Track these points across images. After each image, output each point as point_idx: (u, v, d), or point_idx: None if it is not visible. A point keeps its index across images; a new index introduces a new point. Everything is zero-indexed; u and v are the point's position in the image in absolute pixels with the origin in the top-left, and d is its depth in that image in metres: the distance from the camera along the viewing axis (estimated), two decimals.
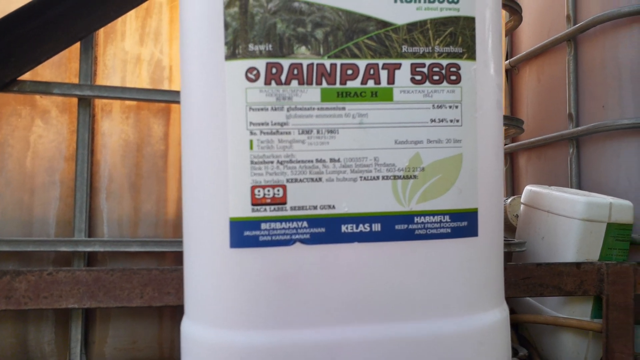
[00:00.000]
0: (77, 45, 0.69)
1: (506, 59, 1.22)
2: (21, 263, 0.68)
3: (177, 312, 0.72)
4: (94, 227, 0.70)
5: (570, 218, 0.80)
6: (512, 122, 0.86)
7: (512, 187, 1.23)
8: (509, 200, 0.99)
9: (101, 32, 0.70)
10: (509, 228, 0.99)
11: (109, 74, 0.71)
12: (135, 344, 0.71)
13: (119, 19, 0.70)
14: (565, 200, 0.82)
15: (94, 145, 0.70)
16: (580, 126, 0.97)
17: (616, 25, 0.90)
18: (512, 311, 0.87)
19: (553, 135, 1.03)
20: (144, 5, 0.71)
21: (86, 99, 0.69)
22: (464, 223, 0.42)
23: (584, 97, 0.98)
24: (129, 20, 0.72)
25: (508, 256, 0.86)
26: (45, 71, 0.69)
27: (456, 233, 0.41)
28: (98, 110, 0.71)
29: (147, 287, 0.67)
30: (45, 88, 0.67)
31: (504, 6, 0.86)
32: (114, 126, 0.71)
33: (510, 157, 1.23)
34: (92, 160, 0.70)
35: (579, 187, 0.99)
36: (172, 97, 0.71)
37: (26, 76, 0.67)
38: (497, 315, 0.43)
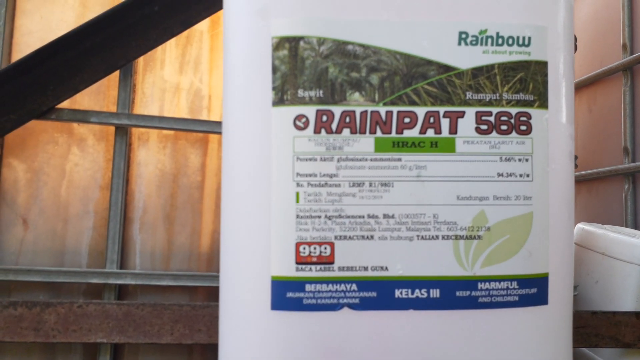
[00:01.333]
0: (117, 73, 0.67)
1: None
2: (52, 293, 0.66)
3: (207, 350, 0.69)
4: (126, 258, 0.68)
5: (630, 263, 0.74)
6: None
7: None
8: None
9: (141, 60, 0.69)
10: None
11: (147, 102, 0.70)
12: None
13: (159, 47, 0.68)
14: (623, 243, 0.76)
15: (130, 174, 0.69)
16: (637, 161, 0.91)
17: None
18: None
19: (607, 170, 0.97)
20: (185, 33, 0.69)
21: (123, 128, 0.67)
22: (533, 290, 0.37)
23: None
24: (169, 48, 0.70)
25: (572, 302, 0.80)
26: (83, 99, 0.68)
27: (524, 301, 0.37)
28: (135, 139, 0.69)
29: (177, 324, 0.64)
30: (82, 116, 0.66)
31: None
32: (151, 156, 0.69)
33: None
34: (127, 189, 0.68)
35: (635, 226, 0.92)
36: (210, 127, 0.69)
37: (64, 104, 0.66)
38: None
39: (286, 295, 0.36)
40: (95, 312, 0.62)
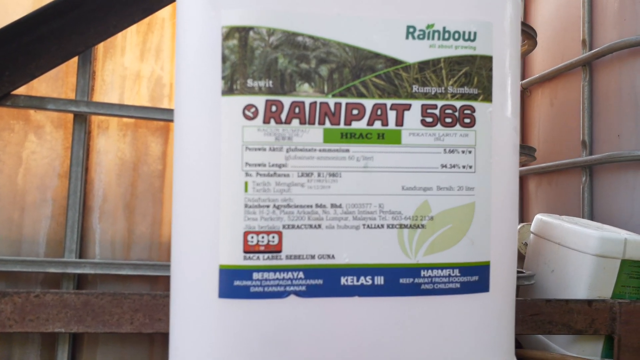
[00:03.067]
0: (75, 59, 0.66)
1: None
2: (8, 283, 0.65)
3: (168, 339, 0.69)
4: (86, 247, 0.68)
5: (583, 253, 0.77)
6: (524, 150, 0.83)
7: (522, 212, 1.20)
8: (518, 227, 0.96)
9: (100, 47, 0.68)
10: (517, 256, 0.96)
11: (107, 89, 0.69)
12: None
13: (120, 34, 0.67)
14: (578, 233, 0.79)
15: (89, 163, 0.68)
16: (594, 154, 0.94)
17: (634, 53, 0.87)
18: (518, 345, 0.84)
19: (565, 162, 1.00)
20: (146, 20, 0.68)
21: (82, 115, 0.66)
22: (474, 278, 0.38)
23: (599, 125, 0.95)
24: (130, 35, 0.69)
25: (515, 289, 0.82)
26: (41, 85, 0.67)
27: (466, 288, 0.38)
28: (94, 127, 0.68)
29: (137, 313, 0.64)
30: (39, 103, 0.65)
31: None
32: (110, 144, 0.68)
33: (520, 181, 1.20)
34: (87, 178, 0.68)
35: (591, 217, 0.95)
36: (171, 116, 0.68)
37: (21, 90, 0.64)
38: None
39: (234, 283, 0.36)
40: (53, 302, 0.61)
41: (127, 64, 0.69)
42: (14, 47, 0.62)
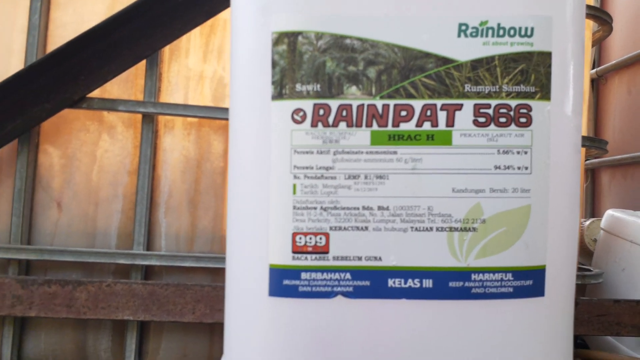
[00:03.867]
0: (144, 62, 0.70)
1: (592, 67, 1.12)
2: (84, 273, 0.71)
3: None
4: (153, 240, 0.72)
5: None
6: (594, 143, 0.78)
7: (592, 207, 1.13)
8: (587, 222, 0.91)
9: (166, 49, 0.71)
10: (585, 252, 0.91)
11: (173, 90, 0.72)
12: (186, 357, 0.71)
13: (184, 36, 0.70)
14: None
15: (156, 160, 0.72)
16: None
17: None
18: (585, 345, 0.80)
19: None
20: (209, 22, 0.71)
21: (150, 116, 0.70)
22: (529, 282, 0.37)
23: None
24: (194, 37, 0.72)
25: (582, 288, 0.78)
26: (113, 87, 0.71)
27: (519, 293, 0.37)
28: (161, 126, 0.72)
29: (199, 304, 0.67)
30: (111, 105, 0.69)
31: (592, 16, 0.78)
32: (176, 142, 0.72)
33: (592, 174, 1.13)
34: (154, 175, 0.71)
35: None
36: None
37: (95, 93, 0.69)
38: None
39: (283, 282, 0.37)
40: (122, 291, 0.66)
41: (191, 65, 0.72)
42: (89, 53, 0.66)
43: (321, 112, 0.37)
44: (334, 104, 0.37)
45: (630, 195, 1.00)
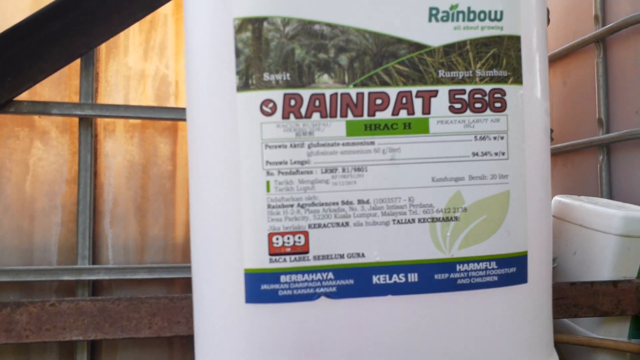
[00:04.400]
0: (78, 61, 0.64)
1: None
2: (22, 293, 0.64)
3: (188, 342, 0.68)
4: (99, 253, 0.66)
5: (606, 233, 0.75)
6: None
7: None
8: None
9: (103, 47, 0.66)
10: None
11: (112, 91, 0.67)
12: None
13: (122, 33, 0.65)
14: (600, 214, 0.77)
15: (97, 167, 0.66)
16: (611, 132, 0.92)
17: None
18: None
19: (581, 142, 0.98)
20: (148, 17, 0.66)
21: (87, 119, 0.65)
22: (512, 269, 0.37)
23: (615, 102, 0.92)
24: (132, 34, 0.67)
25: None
26: (44, 90, 0.65)
27: (503, 281, 0.36)
28: (100, 130, 0.67)
29: (155, 317, 0.62)
30: (43, 108, 0.63)
31: None
32: (118, 146, 0.67)
33: None
34: (96, 182, 0.66)
35: (610, 196, 0.93)
36: (178, 115, 0.66)
37: (23, 96, 0.63)
38: None
39: (260, 287, 0.35)
40: (69, 310, 0.60)
41: (130, 64, 0.67)
42: (14, 52, 0.60)
43: (292, 102, 0.35)
44: (305, 93, 0.35)
45: (572, 181, 1.04)
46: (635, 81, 0.87)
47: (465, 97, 0.36)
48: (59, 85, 0.65)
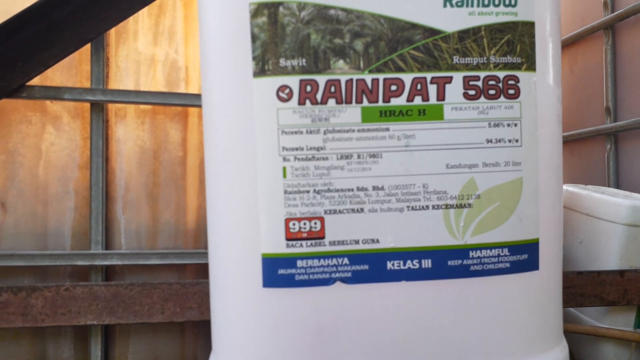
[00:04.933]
0: (88, 46, 0.64)
1: None
2: (37, 278, 0.65)
3: (199, 327, 0.69)
4: (111, 238, 0.67)
5: (613, 223, 0.75)
6: None
7: None
8: None
9: (112, 32, 0.66)
10: None
11: (122, 76, 0.67)
12: None
13: (131, 18, 0.65)
14: (607, 203, 0.77)
15: (109, 152, 0.67)
16: (618, 121, 0.91)
17: None
18: None
19: (589, 130, 0.97)
20: (157, 2, 0.66)
21: (99, 104, 0.65)
22: (524, 256, 0.37)
23: (623, 90, 0.92)
24: (142, 18, 0.67)
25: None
26: (55, 75, 0.65)
27: (516, 268, 0.37)
28: (112, 115, 0.67)
29: (168, 302, 0.63)
30: (55, 93, 0.63)
31: None
32: (129, 132, 0.67)
33: None
34: (107, 168, 0.67)
35: (617, 185, 0.93)
36: (189, 101, 0.66)
37: (35, 81, 0.63)
38: (558, 355, 0.39)
39: (278, 272, 0.35)
40: (83, 295, 0.61)
41: (140, 49, 0.67)
42: (24, 36, 0.60)
43: (308, 88, 0.35)
44: (321, 79, 0.35)
45: (579, 170, 1.04)
46: None
47: (479, 83, 0.36)
48: (70, 70, 0.66)
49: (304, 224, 0.35)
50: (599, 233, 0.76)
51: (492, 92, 0.36)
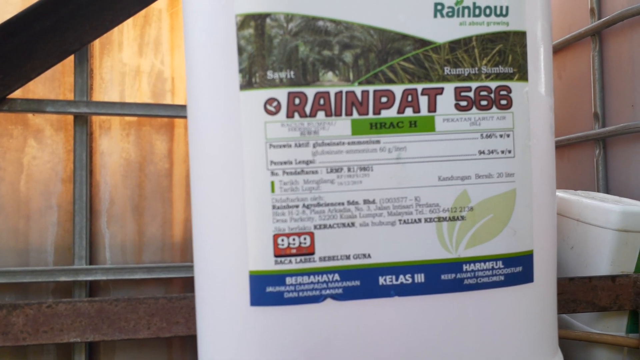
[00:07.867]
0: (71, 58, 0.63)
1: None
2: (18, 295, 0.63)
3: (187, 342, 0.67)
4: (96, 253, 0.65)
5: (604, 228, 0.75)
6: None
7: None
8: None
9: (96, 43, 0.65)
10: None
11: (107, 87, 0.66)
12: None
13: (116, 29, 0.64)
14: (597, 209, 0.77)
15: (93, 165, 0.65)
16: (607, 126, 0.92)
17: None
18: None
19: (577, 136, 0.98)
20: (142, 12, 0.65)
21: (83, 116, 0.63)
22: (518, 268, 0.36)
23: (611, 96, 0.92)
24: (127, 29, 0.66)
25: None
26: (37, 87, 0.64)
27: (510, 280, 0.36)
28: (96, 128, 0.66)
29: (154, 317, 0.62)
30: (37, 106, 0.62)
31: None
32: (114, 144, 0.66)
33: None
34: (92, 181, 0.65)
35: (606, 190, 0.94)
36: (175, 112, 0.65)
37: (17, 93, 0.61)
38: None
39: (266, 289, 0.34)
40: (66, 311, 0.59)
41: (125, 60, 0.66)
42: (6, 48, 0.59)
43: (297, 101, 0.34)
44: (310, 91, 0.34)
45: (569, 175, 1.05)
46: (631, 75, 0.87)
47: (471, 94, 0.36)
48: (53, 82, 0.64)
49: (293, 239, 0.34)
50: (589, 239, 0.76)
51: (484, 102, 0.36)
